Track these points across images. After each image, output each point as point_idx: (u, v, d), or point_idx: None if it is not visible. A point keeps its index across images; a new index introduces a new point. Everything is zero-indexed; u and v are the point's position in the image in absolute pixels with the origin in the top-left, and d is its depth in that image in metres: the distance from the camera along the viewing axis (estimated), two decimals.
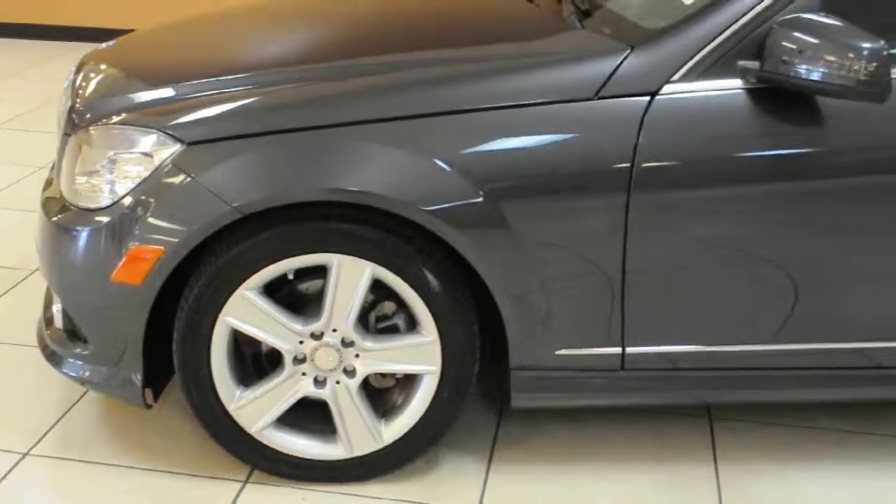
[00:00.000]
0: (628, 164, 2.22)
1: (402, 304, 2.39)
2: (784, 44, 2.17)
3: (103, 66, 2.76)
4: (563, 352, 2.39)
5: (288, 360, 2.39)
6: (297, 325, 2.36)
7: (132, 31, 3.33)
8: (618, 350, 2.40)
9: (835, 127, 2.26)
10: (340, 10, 3.06)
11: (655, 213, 2.27)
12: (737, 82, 2.25)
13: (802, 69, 2.15)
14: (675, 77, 2.24)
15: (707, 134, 2.25)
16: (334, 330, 2.36)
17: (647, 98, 2.23)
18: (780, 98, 2.24)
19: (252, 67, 2.54)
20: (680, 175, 2.25)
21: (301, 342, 2.38)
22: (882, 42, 2.10)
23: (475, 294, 2.39)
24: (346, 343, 2.38)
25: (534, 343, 2.38)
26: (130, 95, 2.49)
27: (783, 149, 2.27)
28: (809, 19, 2.20)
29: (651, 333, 2.41)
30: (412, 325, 2.40)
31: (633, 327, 2.38)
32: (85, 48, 3.28)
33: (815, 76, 2.14)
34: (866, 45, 2.10)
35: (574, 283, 2.32)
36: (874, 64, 2.09)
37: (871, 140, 2.28)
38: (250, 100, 2.34)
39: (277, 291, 2.39)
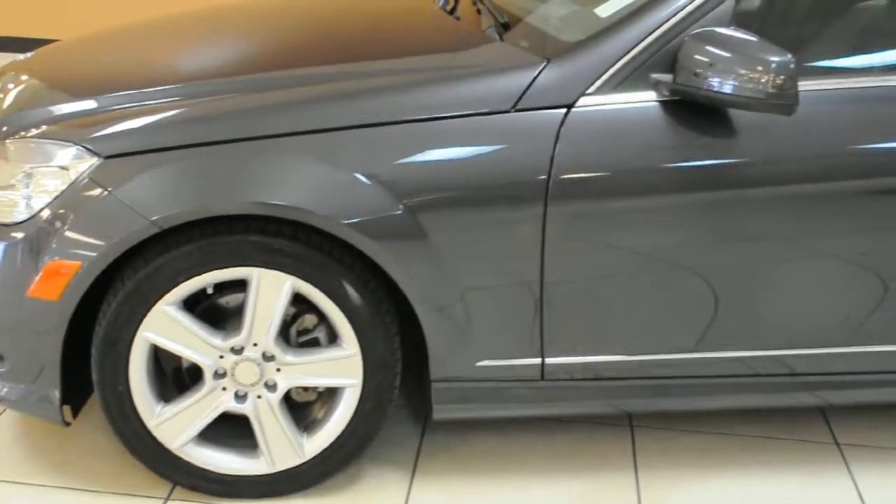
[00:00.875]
0: (545, 176, 2.24)
1: (323, 318, 2.38)
2: (696, 57, 2.21)
3: (21, 78, 2.72)
4: (484, 363, 2.41)
5: (208, 374, 2.38)
6: (217, 340, 2.35)
7: (52, 41, 3.29)
8: (538, 361, 2.42)
9: (747, 138, 2.30)
10: (261, 22, 3.06)
11: (572, 224, 2.29)
12: (651, 95, 2.28)
13: (714, 82, 2.18)
14: (591, 90, 2.27)
15: (622, 145, 2.28)
16: (255, 344, 2.35)
17: (564, 110, 2.26)
18: (693, 110, 2.27)
19: (171, 80, 2.52)
20: (596, 186, 2.28)
21: (221, 357, 2.36)
22: (789, 56, 2.15)
23: (397, 306, 2.39)
24: (267, 357, 2.37)
25: (454, 355, 2.39)
26: (48, 108, 2.46)
27: (697, 160, 2.30)
28: (720, 33, 2.24)
29: (571, 344, 2.44)
30: (333, 338, 2.40)
31: (553, 338, 2.40)
32: (3, 59, 3.24)
33: (726, 89, 2.18)
34: (775, 58, 2.15)
35: (493, 295, 2.34)
36: (782, 77, 2.14)
37: (781, 151, 2.33)
38: (169, 113, 2.33)
39: (197, 305, 2.38)
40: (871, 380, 2.59)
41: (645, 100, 2.28)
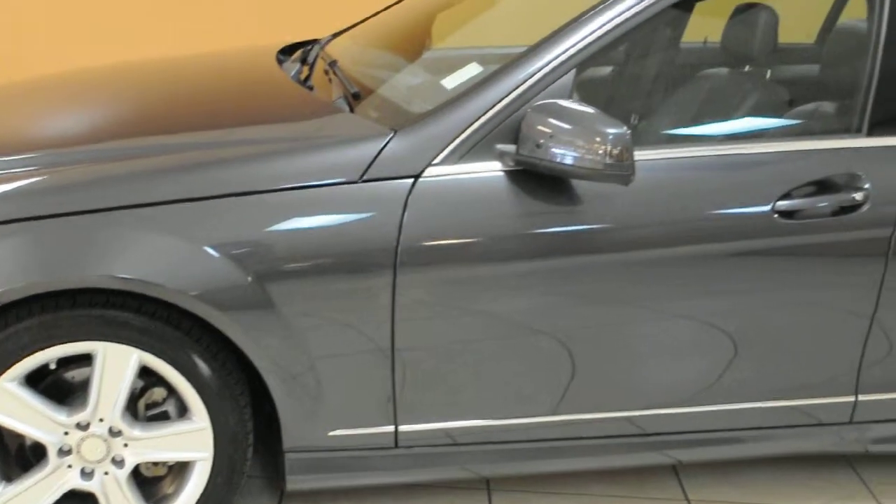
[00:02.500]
0: (393, 246, 2.26)
1: (172, 391, 2.35)
2: (538, 128, 2.27)
3: None
4: (337, 432, 2.40)
5: (52, 452, 2.30)
6: (62, 416, 2.28)
7: None
8: (391, 428, 2.42)
9: (590, 206, 2.37)
10: (117, 88, 3.03)
11: (422, 292, 2.32)
12: (496, 165, 2.33)
13: (555, 153, 2.24)
14: (437, 160, 2.31)
15: (468, 214, 2.32)
16: (101, 419, 2.30)
17: (411, 180, 2.29)
18: (538, 179, 2.33)
19: (13, 150, 2.47)
20: (444, 255, 2.31)
21: (66, 433, 2.30)
22: (625, 128, 2.23)
23: (249, 376, 2.37)
24: (114, 432, 2.32)
25: (306, 425, 2.37)
26: None
27: (542, 228, 2.36)
28: (561, 105, 2.31)
29: (426, 410, 2.45)
30: (183, 411, 2.36)
31: (406, 405, 2.41)
32: None
33: (567, 160, 2.24)
34: (611, 130, 2.22)
35: (345, 364, 2.34)
36: (619, 148, 2.21)
37: (622, 219, 2.40)
38: (12, 184, 2.28)
39: (41, 380, 2.32)
40: (720, 437, 2.67)
41: (490, 170, 2.33)
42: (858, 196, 2.47)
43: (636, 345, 2.52)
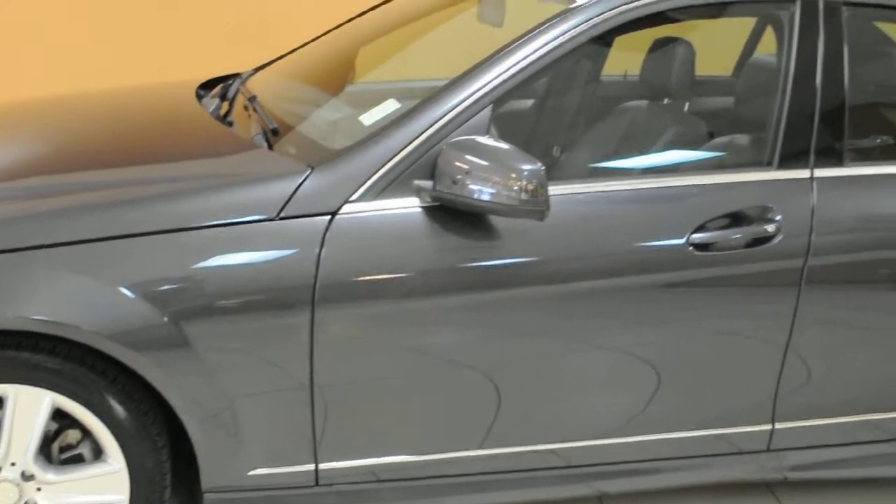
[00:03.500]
0: (311, 283, 2.25)
1: (87, 433, 2.31)
2: (455, 164, 2.29)
3: None
4: (257, 471, 2.38)
5: None
6: None
7: None
8: (311, 466, 2.41)
9: (508, 240, 2.38)
10: (24, 126, 2.98)
11: (341, 329, 2.31)
12: (414, 201, 2.34)
13: (471, 189, 2.26)
14: (354, 196, 2.31)
15: (386, 250, 2.32)
16: (13, 463, 2.25)
17: (328, 217, 2.29)
18: (456, 214, 2.33)
19: None
20: (362, 291, 2.31)
21: None
22: (539, 164, 2.25)
23: (166, 416, 2.34)
24: (27, 477, 2.27)
25: (225, 464, 2.35)
26: None
27: (460, 263, 2.36)
28: (477, 141, 2.33)
29: (348, 447, 2.44)
30: (99, 453, 2.33)
31: (328, 442, 2.40)
32: None
33: (483, 196, 2.25)
34: (526, 166, 2.24)
35: (264, 402, 2.32)
36: (534, 184, 2.23)
37: (540, 253, 2.42)
38: None
39: None
40: (644, 468, 2.69)
41: (408, 206, 2.33)
42: (770, 228, 2.52)
43: (559, 377, 2.54)
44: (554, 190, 2.40)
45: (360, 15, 3.28)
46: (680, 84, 2.96)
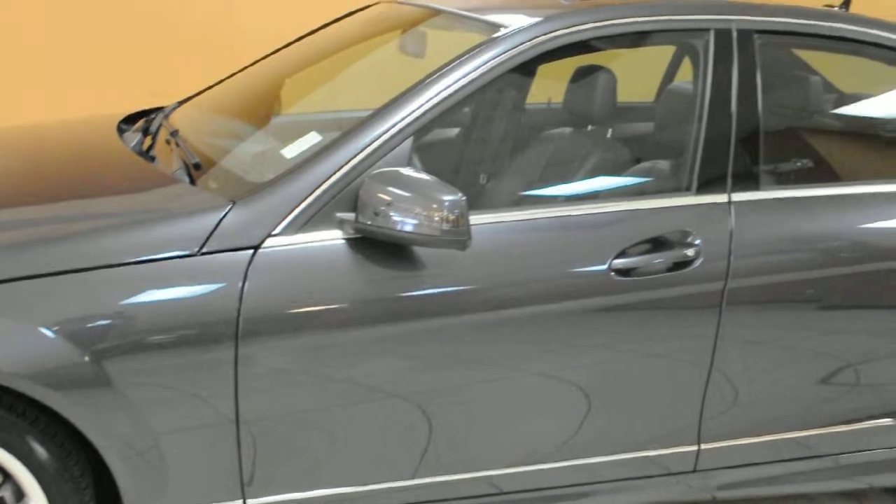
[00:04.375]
0: (234, 317, 2.24)
1: (8, 475, 2.26)
2: (377, 196, 2.30)
3: None
4: None
5: None
6: None
7: None
8: (239, 503, 2.39)
9: (432, 271, 2.39)
10: None
11: (266, 363, 2.30)
12: (337, 233, 2.34)
13: (394, 221, 2.27)
14: (277, 230, 2.31)
15: (310, 284, 2.32)
16: None
17: (251, 252, 2.28)
18: (379, 246, 2.34)
19: None
20: (287, 325, 2.30)
21: None
22: (460, 194, 2.27)
23: (91, 455, 2.31)
24: None
25: (151, 502, 2.32)
26: None
27: (386, 294, 2.37)
28: (398, 173, 2.34)
29: (277, 481, 2.42)
30: (21, 495, 2.28)
31: (255, 477, 2.38)
32: None
33: (406, 227, 2.26)
34: (447, 197, 2.26)
35: (189, 438, 2.30)
36: (455, 214, 2.25)
37: (465, 282, 2.43)
38: None
39: None
40: (576, 492, 2.71)
41: (331, 238, 2.34)
42: (690, 252, 2.56)
43: (488, 405, 2.55)
44: (479, 219, 2.43)
45: (284, 46, 3.28)
46: (602, 111, 3.00)
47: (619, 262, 2.51)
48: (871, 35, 2.90)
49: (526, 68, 2.79)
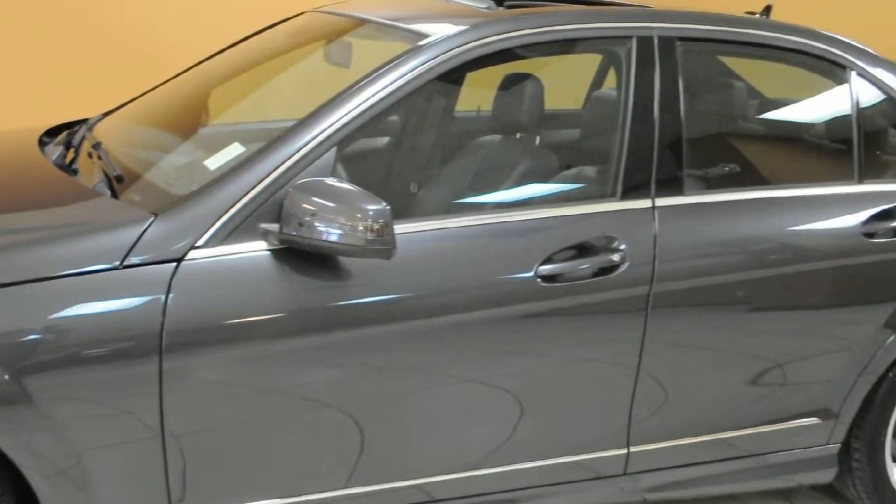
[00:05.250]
0: (158, 331, 2.22)
1: None
2: (301, 206, 2.29)
3: None
4: None
5: None
6: None
7: None
8: None
9: (359, 280, 2.39)
10: None
11: (191, 376, 2.28)
12: (262, 244, 2.33)
13: (318, 231, 2.26)
14: (200, 242, 2.29)
15: (235, 296, 2.30)
16: None
17: (174, 264, 2.26)
18: (305, 256, 2.33)
19: None
20: (212, 337, 2.28)
21: None
22: (385, 204, 2.27)
23: (10, 474, 2.27)
24: None
25: None
26: None
27: (312, 304, 2.36)
28: (322, 183, 2.34)
29: (206, 495, 2.40)
30: None
31: (185, 491, 2.35)
32: None
33: (331, 237, 2.26)
34: (372, 206, 2.26)
35: (113, 455, 2.27)
36: (379, 224, 2.25)
37: (391, 291, 2.43)
38: None
39: None
40: (508, 498, 2.71)
41: (256, 249, 2.32)
42: (616, 257, 2.59)
43: (419, 413, 2.55)
44: (406, 227, 2.43)
45: (211, 57, 3.26)
46: (530, 118, 3.02)
47: (545, 269, 2.53)
48: (791, 42, 2.96)
49: (452, 77, 2.81)
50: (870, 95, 3.03)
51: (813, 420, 2.96)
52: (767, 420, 2.92)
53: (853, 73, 3.00)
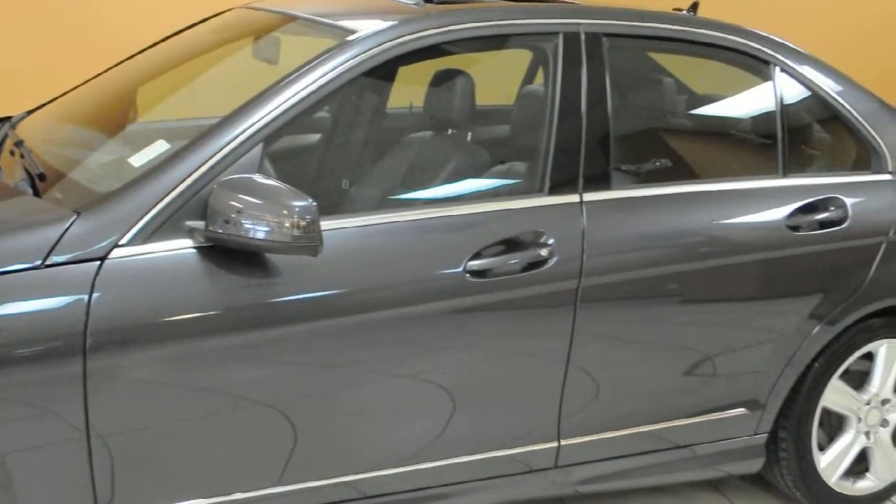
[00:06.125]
0: (81, 330, 2.19)
1: None
2: (227, 203, 2.27)
3: None
4: None
5: None
6: None
7: None
8: None
9: (287, 277, 2.38)
10: None
11: (117, 375, 2.25)
12: (187, 242, 2.31)
13: (244, 228, 2.25)
14: (124, 241, 2.26)
15: (160, 294, 2.28)
16: None
17: (97, 263, 2.23)
18: (232, 254, 2.32)
19: None
20: (138, 336, 2.26)
21: None
22: (311, 200, 2.27)
23: None
24: None
25: None
26: None
27: (239, 302, 2.34)
28: (249, 180, 2.32)
29: (137, 494, 2.37)
30: None
31: (115, 491, 2.33)
32: None
33: (258, 234, 2.24)
34: (298, 203, 2.25)
35: (38, 456, 2.24)
36: (306, 220, 2.24)
37: (321, 287, 2.42)
38: None
39: None
40: (440, 493, 2.73)
41: (181, 247, 2.30)
42: (544, 252, 2.61)
43: (350, 409, 2.55)
44: (336, 224, 2.43)
45: (138, 53, 3.22)
46: (461, 115, 3.03)
47: (474, 264, 2.54)
48: (717, 38, 3.00)
49: (381, 73, 2.80)
50: (794, 91, 3.09)
51: (740, 411, 3.01)
52: (696, 411, 2.97)
53: (778, 70, 3.05)
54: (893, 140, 3.12)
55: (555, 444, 2.79)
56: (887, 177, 3.08)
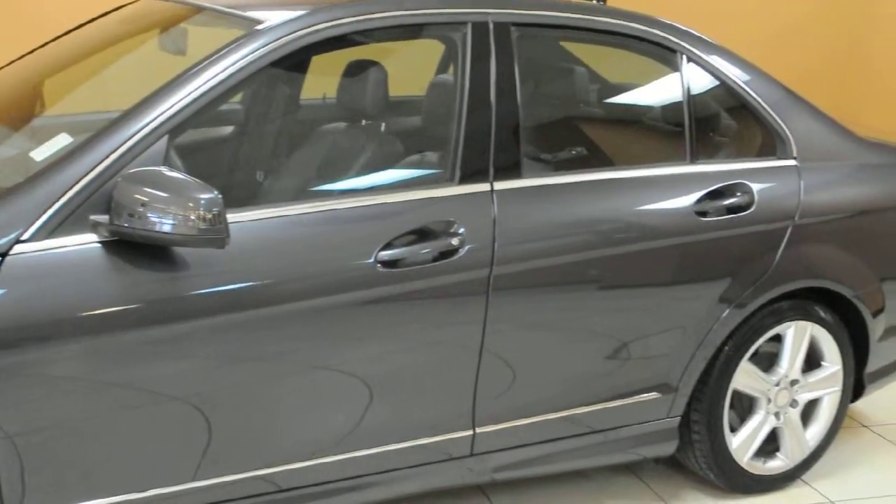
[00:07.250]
0: None
1: None
2: (132, 197, 2.25)
3: None
4: None
5: None
6: None
7: None
8: None
9: (194, 270, 2.36)
10: None
11: (21, 373, 2.22)
12: (92, 237, 2.28)
13: (150, 221, 2.22)
14: (26, 236, 2.22)
15: (64, 290, 2.25)
16: None
17: None
18: (138, 248, 2.29)
19: None
20: (42, 333, 2.22)
21: None
22: (217, 193, 2.25)
23: None
24: None
25: None
26: None
27: (147, 296, 2.32)
28: (154, 173, 2.30)
29: (49, 495, 2.34)
30: None
31: (26, 492, 2.30)
32: None
33: (164, 228, 2.22)
34: (203, 195, 2.24)
35: None
36: (212, 213, 2.23)
37: (228, 281, 2.41)
38: None
39: None
40: (355, 484, 2.72)
41: (86, 242, 2.27)
42: (455, 241, 2.62)
43: (266, 402, 2.54)
44: (245, 216, 2.41)
45: (43, 45, 3.16)
46: (374, 105, 3.02)
47: (385, 254, 2.54)
48: (626, 27, 3.03)
49: (291, 63, 2.79)
50: (701, 79, 3.13)
51: (653, 395, 3.06)
52: (610, 396, 3.00)
53: (685, 59, 3.10)
54: (798, 127, 3.19)
55: (470, 433, 2.80)
56: (792, 162, 3.15)
